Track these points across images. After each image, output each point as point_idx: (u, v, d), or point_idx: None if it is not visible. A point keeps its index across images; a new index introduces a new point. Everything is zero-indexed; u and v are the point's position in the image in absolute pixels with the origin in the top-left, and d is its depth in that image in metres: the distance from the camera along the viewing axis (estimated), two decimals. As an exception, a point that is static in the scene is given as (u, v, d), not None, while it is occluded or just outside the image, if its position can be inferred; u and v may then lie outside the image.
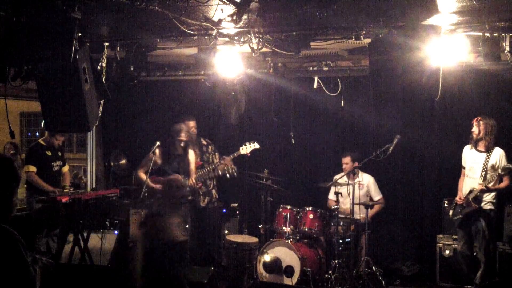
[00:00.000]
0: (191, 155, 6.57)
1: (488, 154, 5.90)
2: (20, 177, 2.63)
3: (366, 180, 6.96)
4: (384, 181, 7.26)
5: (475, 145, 6.02)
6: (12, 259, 2.33)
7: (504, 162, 5.85)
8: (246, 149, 6.83)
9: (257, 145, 6.85)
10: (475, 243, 6.07)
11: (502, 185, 5.88)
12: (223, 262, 7.07)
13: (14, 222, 2.52)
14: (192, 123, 6.99)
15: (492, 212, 5.92)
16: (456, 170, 6.62)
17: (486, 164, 5.87)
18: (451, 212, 6.20)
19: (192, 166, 6.53)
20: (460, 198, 6.05)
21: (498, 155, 5.88)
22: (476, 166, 5.97)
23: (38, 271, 2.49)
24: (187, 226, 6.54)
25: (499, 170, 5.83)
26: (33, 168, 6.72)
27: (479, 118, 5.98)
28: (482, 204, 5.89)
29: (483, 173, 5.87)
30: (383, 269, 6.62)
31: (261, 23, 5.17)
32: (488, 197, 5.90)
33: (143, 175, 6.40)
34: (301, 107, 7.82)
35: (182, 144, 6.38)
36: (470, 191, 5.91)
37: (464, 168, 6.16)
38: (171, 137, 6.43)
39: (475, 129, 5.98)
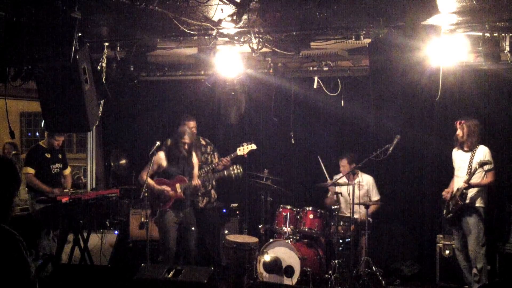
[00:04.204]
0: (195, 158, 6.57)
1: (472, 153, 6.07)
2: (20, 179, 2.63)
3: (366, 180, 6.98)
4: (384, 181, 7.26)
5: (461, 147, 6.20)
6: (12, 259, 2.32)
7: (488, 158, 5.95)
8: (243, 150, 6.80)
9: (254, 146, 6.82)
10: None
11: (484, 181, 5.99)
12: (223, 262, 7.06)
13: (15, 222, 2.52)
14: (192, 123, 6.98)
15: (482, 209, 6.00)
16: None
17: (471, 162, 6.01)
18: (444, 211, 6.28)
19: (196, 169, 6.53)
20: (446, 192, 6.21)
21: (482, 153, 6.02)
22: (463, 165, 6.14)
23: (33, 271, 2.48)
24: (192, 228, 6.50)
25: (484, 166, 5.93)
26: (31, 170, 6.71)
27: (462, 121, 6.13)
28: (472, 202, 5.98)
29: (468, 171, 6.01)
30: (383, 269, 6.62)
31: (261, 23, 5.16)
32: (473, 193, 5.99)
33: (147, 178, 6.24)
34: (301, 107, 7.81)
35: (186, 147, 6.33)
36: (458, 189, 6.05)
37: (454, 168, 6.30)
38: (175, 139, 6.38)
39: (459, 132, 6.16)
